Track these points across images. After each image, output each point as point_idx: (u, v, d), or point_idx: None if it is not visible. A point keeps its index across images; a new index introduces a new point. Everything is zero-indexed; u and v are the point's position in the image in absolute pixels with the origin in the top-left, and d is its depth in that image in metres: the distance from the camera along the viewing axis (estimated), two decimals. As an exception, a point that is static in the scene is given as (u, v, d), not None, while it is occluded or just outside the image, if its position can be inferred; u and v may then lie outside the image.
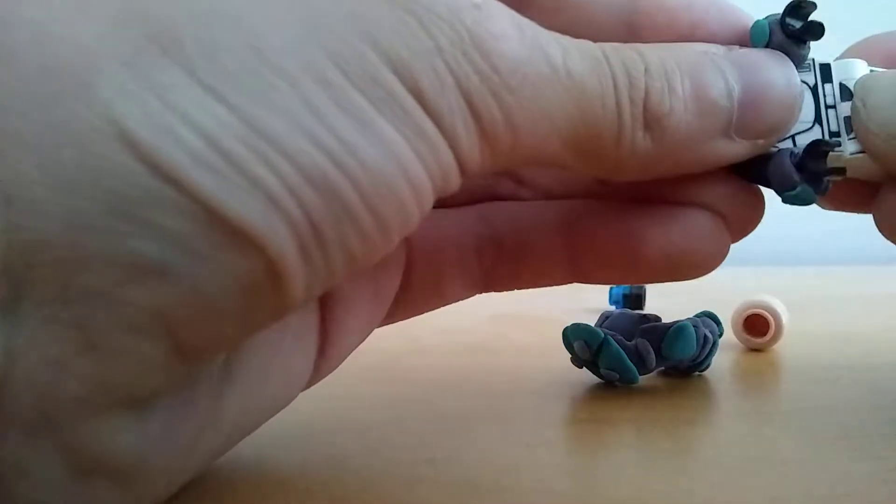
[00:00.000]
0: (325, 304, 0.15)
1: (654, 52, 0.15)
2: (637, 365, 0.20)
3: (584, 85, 0.13)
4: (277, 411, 0.15)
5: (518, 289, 0.19)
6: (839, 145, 0.16)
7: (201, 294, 0.10)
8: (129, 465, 0.11)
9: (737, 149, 0.15)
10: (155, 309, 0.10)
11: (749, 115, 0.15)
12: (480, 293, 0.19)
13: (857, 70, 0.16)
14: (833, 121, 0.16)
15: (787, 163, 0.15)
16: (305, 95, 0.11)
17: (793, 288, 0.47)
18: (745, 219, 0.17)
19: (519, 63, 0.12)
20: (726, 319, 0.27)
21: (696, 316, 0.23)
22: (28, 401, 0.10)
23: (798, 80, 0.16)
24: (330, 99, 0.11)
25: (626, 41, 0.15)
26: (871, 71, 0.16)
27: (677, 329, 0.21)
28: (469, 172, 0.13)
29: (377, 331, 0.18)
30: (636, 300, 0.36)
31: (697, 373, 0.22)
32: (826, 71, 0.16)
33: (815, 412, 0.19)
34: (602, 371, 0.20)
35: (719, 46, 0.16)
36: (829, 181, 0.15)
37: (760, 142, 0.16)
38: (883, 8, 0.69)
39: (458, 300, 0.19)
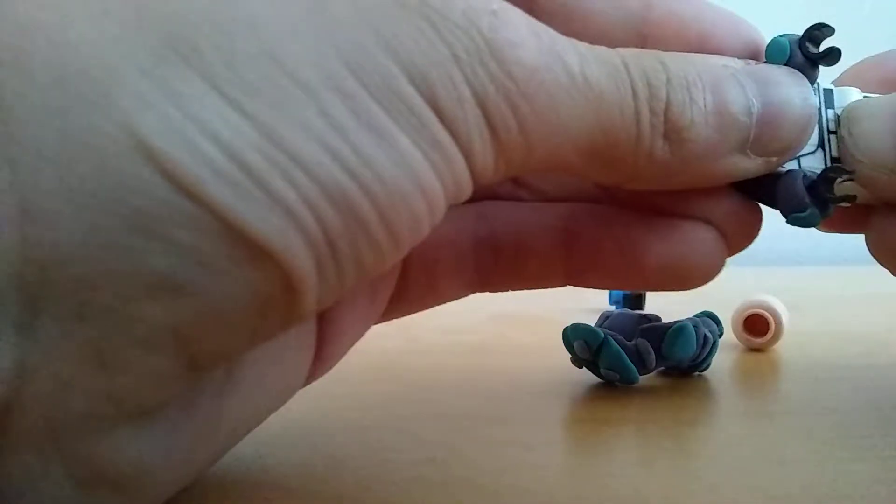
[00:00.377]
0: None
1: (676, 63, 0.14)
2: (637, 365, 0.20)
3: (602, 92, 0.13)
4: (274, 410, 0.15)
5: (514, 290, 0.19)
6: (853, 173, 0.15)
7: (216, 309, 0.10)
8: (133, 474, 0.11)
9: (750, 165, 0.15)
10: (169, 325, 0.10)
11: (766, 132, 0.15)
12: (476, 293, 0.19)
13: (851, 98, 0.16)
14: (834, 146, 0.16)
15: (800, 185, 0.15)
16: (324, 107, 0.10)
17: (793, 288, 0.47)
18: (744, 235, 0.17)
19: (536, 70, 0.12)
20: (726, 319, 0.27)
21: (696, 316, 0.23)
22: (38, 416, 0.10)
23: (814, 99, 0.16)
24: (349, 111, 0.11)
25: None
26: (865, 97, 0.16)
27: (677, 329, 0.21)
28: (482, 182, 0.12)
29: (377, 330, 0.18)
30: (636, 300, 0.36)
31: (697, 373, 0.22)
32: (829, 96, 0.16)
33: (815, 412, 0.19)
34: (602, 371, 0.20)
35: (737, 60, 0.15)
36: (835, 206, 0.15)
37: (774, 159, 0.16)
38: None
39: (454, 299, 0.19)
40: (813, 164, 0.16)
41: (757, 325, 0.26)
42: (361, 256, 0.11)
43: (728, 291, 0.30)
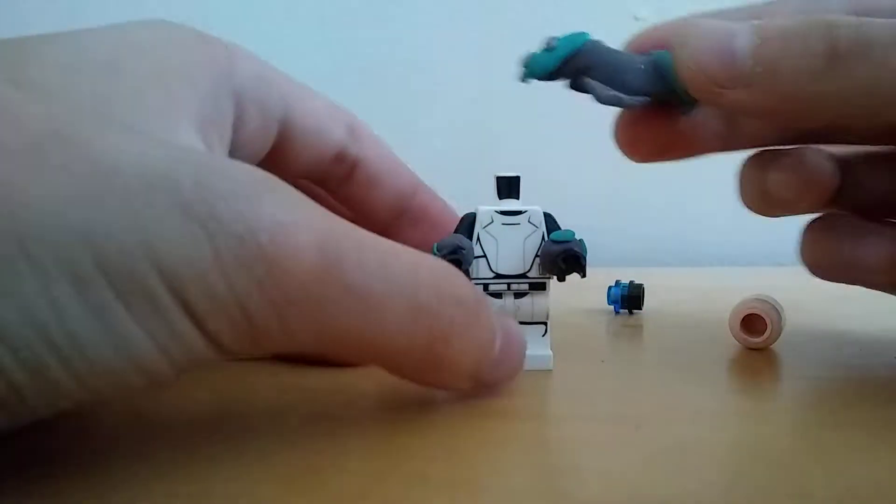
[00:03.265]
0: None
1: (465, 294, 0.17)
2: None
3: (383, 307, 0.15)
4: None
5: None
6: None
7: None
8: None
9: (465, 387, 0.19)
10: None
11: (496, 369, 0.19)
12: None
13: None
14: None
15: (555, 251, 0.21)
16: (52, 291, 0.11)
17: (792, 288, 0.47)
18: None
19: (309, 283, 0.14)
20: (726, 320, 0.27)
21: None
22: None
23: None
24: (77, 295, 0.12)
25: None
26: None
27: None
28: (228, 355, 0.14)
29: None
30: (634, 300, 0.36)
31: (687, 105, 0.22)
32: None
33: (814, 412, 0.19)
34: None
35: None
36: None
37: (482, 387, 0.19)
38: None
39: None
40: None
41: (754, 325, 0.26)
42: (56, 405, 0.12)
43: (728, 291, 0.30)
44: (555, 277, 0.22)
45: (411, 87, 0.71)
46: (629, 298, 0.36)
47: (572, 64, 0.21)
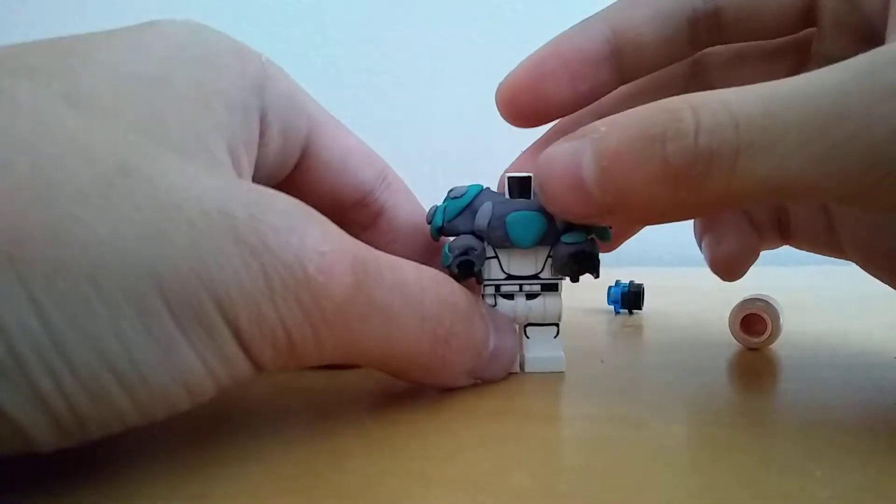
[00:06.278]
0: None
1: (461, 306, 0.19)
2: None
3: (403, 321, 0.17)
4: None
5: None
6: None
7: None
8: None
9: (465, 382, 0.21)
10: None
11: (490, 365, 0.21)
12: None
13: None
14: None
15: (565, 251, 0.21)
16: (119, 322, 0.12)
17: (793, 288, 0.47)
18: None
19: (343, 303, 0.15)
20: (726, 320, 0.27)
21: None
22: None
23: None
24: (143, 326, 0.12)
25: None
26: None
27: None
28: (264, 371, 0.15)
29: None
30: (634, 298, 0.36)
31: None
32: None
33: (814, 412, 0.19)
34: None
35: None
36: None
37: (479, 382, 0.21)
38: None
39: None
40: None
41: (754, 325, 0.26)
42: (110, 426, 0.13)
43: (727, 291, 0.30)
44: (567, 278, 0.22)
45: (411, 87, 0.72)
46: (629, 298, 0.36)
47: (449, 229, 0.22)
